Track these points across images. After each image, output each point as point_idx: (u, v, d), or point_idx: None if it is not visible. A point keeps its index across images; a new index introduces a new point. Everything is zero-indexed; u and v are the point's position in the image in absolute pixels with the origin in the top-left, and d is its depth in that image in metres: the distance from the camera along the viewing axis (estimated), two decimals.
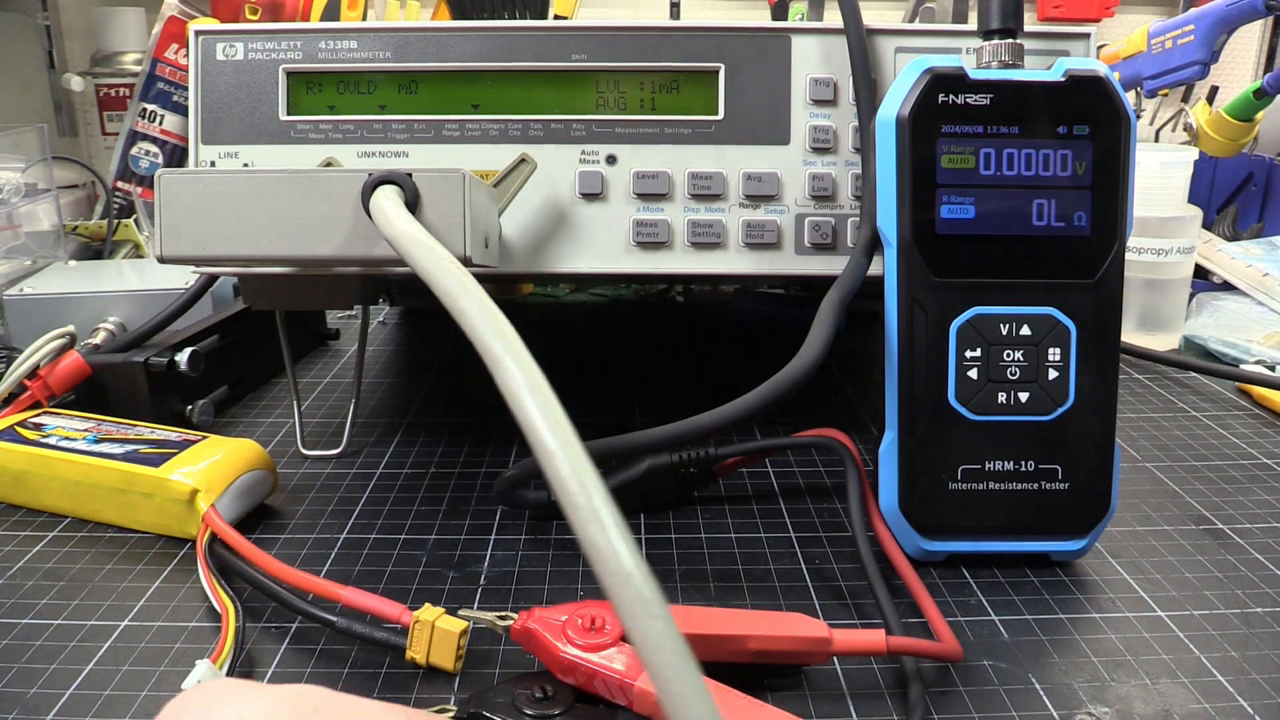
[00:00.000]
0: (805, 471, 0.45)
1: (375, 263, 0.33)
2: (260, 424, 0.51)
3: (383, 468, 0.45)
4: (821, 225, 0.41)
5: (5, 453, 0.40)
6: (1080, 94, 0.34)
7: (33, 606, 0.33)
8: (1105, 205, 0.34)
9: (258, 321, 0.55)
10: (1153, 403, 0.55)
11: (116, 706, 0.28)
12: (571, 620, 0.28)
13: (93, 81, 1.01)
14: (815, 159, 0.41)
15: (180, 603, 0.33)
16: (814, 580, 0.35)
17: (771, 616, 0.29)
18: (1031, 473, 0.35)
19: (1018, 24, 0.36)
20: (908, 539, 0.35)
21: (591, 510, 0.21)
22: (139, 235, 0.83)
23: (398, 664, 0.30)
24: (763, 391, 0.32)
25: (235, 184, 0.32)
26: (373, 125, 0.41)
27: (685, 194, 0.41)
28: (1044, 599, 0.34)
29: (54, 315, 0.55)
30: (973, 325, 0.35)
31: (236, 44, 0.41)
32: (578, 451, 0.22)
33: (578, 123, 0.41)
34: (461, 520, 0.40)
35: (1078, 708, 0.28)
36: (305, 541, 0.38)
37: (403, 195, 0.31)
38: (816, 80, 0.41)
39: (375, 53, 0.41)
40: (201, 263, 0.33)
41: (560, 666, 0.27)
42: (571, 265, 0.41)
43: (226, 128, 0.41)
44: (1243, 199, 0.89)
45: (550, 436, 0.22)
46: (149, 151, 0.88)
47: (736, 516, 0.40)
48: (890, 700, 0.28)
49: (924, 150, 0.34)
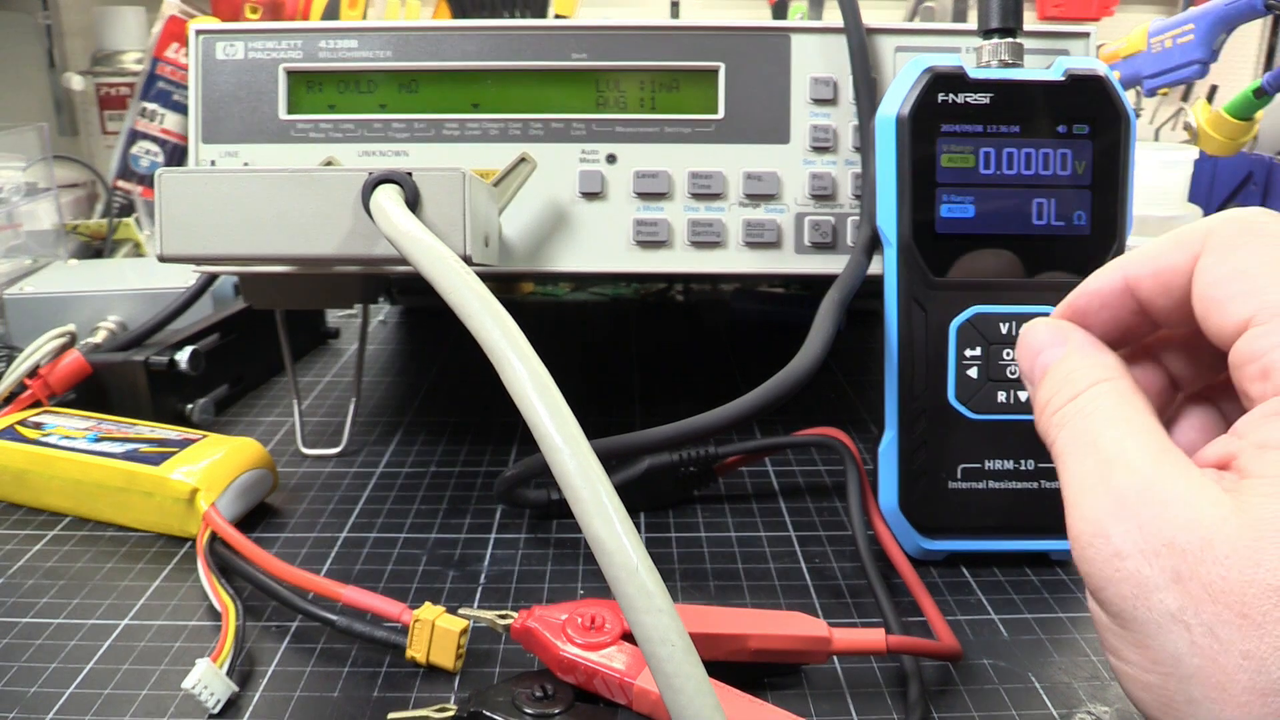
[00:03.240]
0: (805, 471, 0.45)
1: (375, 262, 0.33)
2: (260, 423, 0.51)
3: (383, 467, 0.45)
4: (821, 224, 0.41)
5: (5, 452, 0.40)
6: (1080, 93, 0.34)
7: (33, 606, 0.33)
8: (1105, 204, 0.34)
9: (258, 321, 0.55)
10: None
11: (116, 706, 0.28)
12: (571, 619, 0.28)
13: (93, 81, 1.01)
14: (815, 158, 0.41)
15: (180, 602, 0.34)
16: (814, 579, 0.35)
17: (771, 615, 0.29)
18: (1031, 472, 0.35)
19: (1017, 23, 0.36)
20: (907, 538, 0.35)
21: (598, 504, 0.21)
22: (139, 234, 0.83)
23: (398, 663, 0.30)
24: (763, 391, 0.32)
25: (235, 183, 0.32)
26: (373, 124, 0.41)
27: (685, 193, 0.41)
28: (1044, 598, 0.34)
29: (54, 314, 0.55)
30: (972, 324, 0.35)
31: (237, 43, 0.41)
32: (583, 447, 0.22)
33: (578, 122, 0.41)
34: (461, 519, 0.40)
35: (1078, 706, 0.28)
36: (305, 540, 0.38)
37: (403, 194, 0.31)
38: (816, 79, 0.41)
39: (375, 52, 0.41)
40: (201, 262, 0.33)
41: (560, 665, 0.28)
42: (571, 264, 0.41)
43: (227, 127, 0.41)
44: (1242, 198, 0.89)
45: (556, 432, 0.22)
46: (149, 150, 0.88)
47: (736, 516, 0.40)
48: (890, 699, 0.28)
49: (924, 149, 0.34)
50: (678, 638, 0.20)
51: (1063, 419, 0.23)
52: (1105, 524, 0.20)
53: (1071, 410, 0.22)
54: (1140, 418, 0.21)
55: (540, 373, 0.23)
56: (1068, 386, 0.23)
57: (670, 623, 0.20)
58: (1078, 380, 0.23)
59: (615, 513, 0.21)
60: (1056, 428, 0.23)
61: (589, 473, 0.21)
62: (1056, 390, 0.23)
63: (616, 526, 0.20)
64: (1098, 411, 0.22)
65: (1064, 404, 0.23)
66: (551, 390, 0.23)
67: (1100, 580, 0.20)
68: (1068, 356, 0.24)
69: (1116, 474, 0.20)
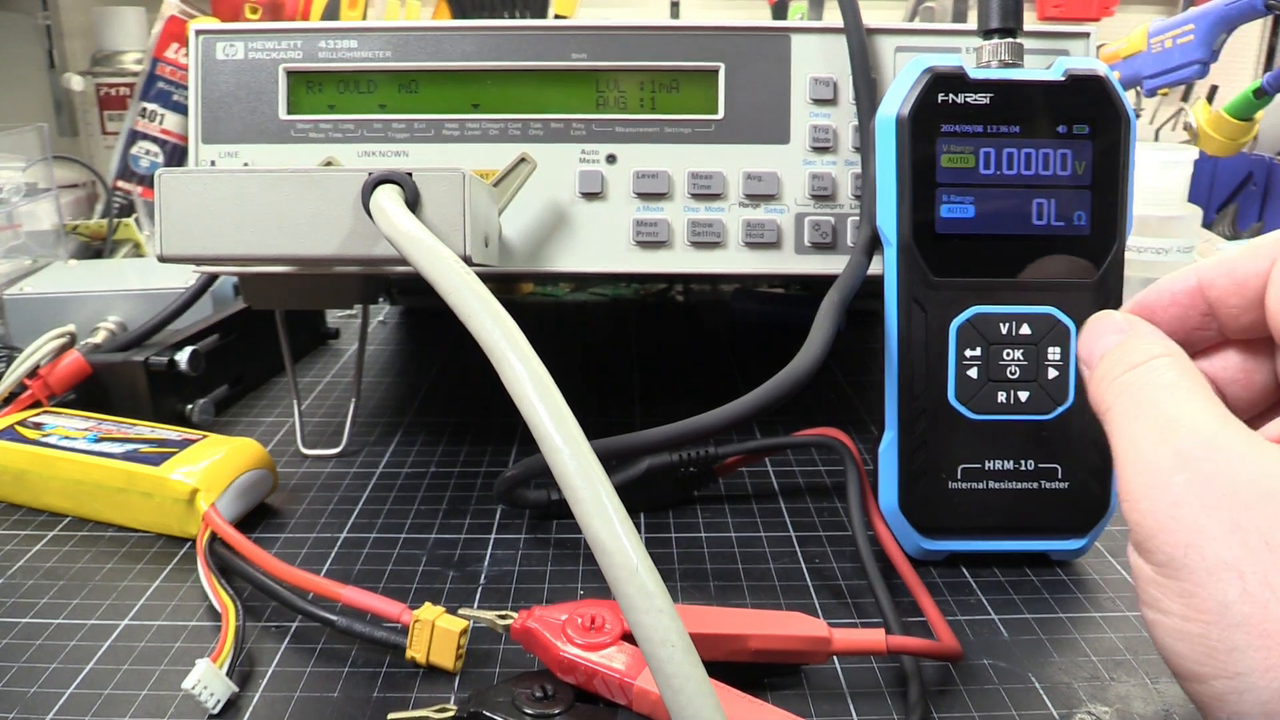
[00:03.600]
0: (805, 471, 0.45)
1: (375, 262, 0.33)
2: (260, 423, 0.51)
3: (383, 467, 0.45)
4: (821, 224, 0.41)
5: (5, 452, 0.40)
6: (1080, 93, 0.34)
7: (33, 606, 0.33)
8: (1105, 204, 0.34)
9: (258, 321, 0.55)
10: None
11: (116, 706, 0.28)
12: (571, 619, 0.28)
13: (93, 81, 1.01)
14: (815, 158, 0.41)
15: (180, 602, 0.34)
16: (814, 579, 0.35)
17: (771, 616, 0.29)
18: (1031, 472, 0.35)
19: (1017, 23, 0.36)
20: (907, 538, 0.35)
21: (598, 505, 0.21)
22: (139, 234, 0.83)
23: (398, 663, 0.30)
24: (764, 392, 0.32)
25: (235, 183, 0.32)
26: (373, 125, 0.41)
27: (685, 193, 0.41)
28: (1044, 598, 0.34)
29: (54, 315, 0.55)
30: (972, 325, 0.35)
31: (237, 43, 0.41)
32: (583, 447, 0.22)
33: (578, 122, 0.41)
34: (461, 520, 0.40)
35: (1078, 707, 0.28)
36: (305, 541, 0.38)
37: (403, 194, 0.31)
38: (816, 79, 0.41)
39: (375, 52, 0.41)
40: (201, 262, 0.33)
41: (560, 665, 0.28)
42: (571, 264, 0.41)
43: (226, 127, 0.41)
44: (1242, 198, 0.89)
45: (556, 432, 0.22)
46: (149, 151, 0.88)
47: (736, 516, 0.40)
48: (890, 699, 0.28)
49: (924, 149, 0.34)
50: (678, 638, 0.20)
51: (1121, 385, 0.23)
52: (1166, 475, 0.21)
53: (1131, 377, 0.23)
54: (1201, 389, 0.22)
55: (540, 373, 0.23)
56: (1128, 358, 0.24)
57: (670, 623, 0.20)
58: (1138, 354, 0.24)
59: (615, 513, 0.21)
60: (1114, 393, 0.24)
61: (589, 473, 0.21)
62: (1115, 362, 0.24)
63: (616, 527, 0.20)
64: (1159, 379, 0.23)
65: (1123, 372, 0.24)
66: (551, 390, 0.23)
67: (1152, 529, 0.21)
68: (1130, 338, 0.25)
69: (1179, 431, 0.21)
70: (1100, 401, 0.24)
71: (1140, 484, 0.21)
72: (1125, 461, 0.22)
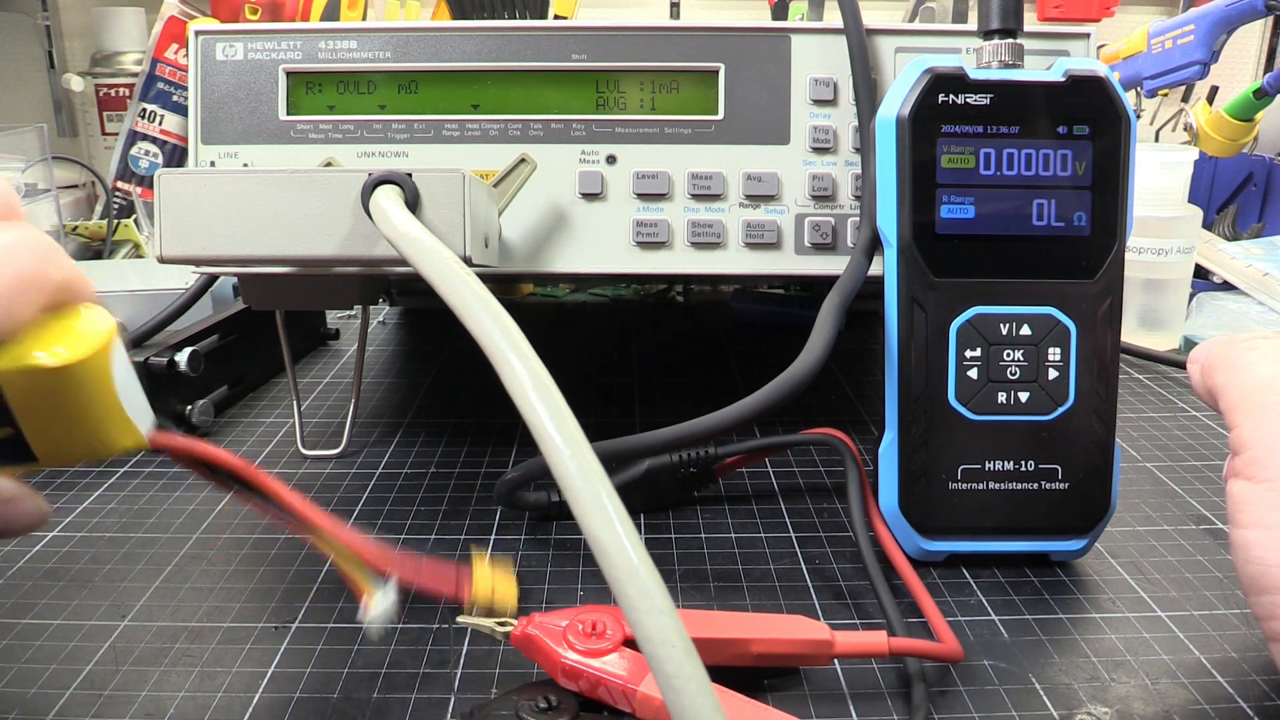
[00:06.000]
0: (805, 471, 0.45)
1: (375, 263, 0.33)
2: (260, 424, 0.51)
3: (383, 468, 0.45)
4: (821, 225, 0.41)
5: None
6: (1080, 94, 0.34)
7: (33, 606, 0.33)
8: (1105, 205, 0.34)
9: (258, 321, 0.55)
10: (1153, 403, 0.55)
11: (116, 706, 0.28)
12: (572, 625, 0.28)
13: (93, 81, 1.01)
14: (815, 159, 0.41)
15: (180, 602, 0.33)
16: (814, 580, 0.35)
17: (773, 619, 0.29)
18: (1031, 473, 0.35)
19: (1018, 24, 0.36)
20: (908, 539, 0.35)
21: (598, 505, 0.21)
22: (139, 235, 0.83)
23: (397, 664, 0.30)
24: (765, 393, 0.32)
25: (235, 184, 0.32)
26: (372, 125, 0.41)
27: (685, 194, 0.41)
28: (1044, 599, 0.34)
29: None
30: (973, 325, 0.35)
31: (236, 44, 0.41)
32: (583, 448, 0.22)
33: (578, 123, 0.41)
34: (461, 520, 0.40)
35: (1078, 708, 0.28)
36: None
37: (403, 195, 0.31)
38: (816, 80, 0.41)
39: (375, 53, 0.41)
40: (201, 263, 0.33)
41: (562, 672, 0.27)
42: (571, 265, 0.41)
43: (226, 128, 0.41)
44: (1243, 199, 0.89)
45: (556, 433, 0.22)
46: (149, 151, 0.88)
47: (736, 516, 0.40)
48: (890, 700, 0.28)
49: (924, 150, 0.34)
50: (679, 639, 0.20)
51: (1239, 351, 0.29)
52: None
53: (1246, 345, 0.29)
54: None
55: (540, 374, 0.23)
56: (1246, 342, 0.29)
57: (671, 624, 0.20)
58: (1256, 341, 0.29)
59: (615, 514, 0.21)
60: (1228, 357, 0.29)
61: (589, 474, 0.21)
62: (1232, 343, 0.30)
63: (617, 528, 0.20)
64: (1259, 346, 0.29)
65: (1240, 343, 0.29)
66: (551, 391, 0.23)
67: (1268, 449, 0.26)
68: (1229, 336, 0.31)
69: None
70: (1213, 370, 0.30)
71: (1260, 417, 0.27)
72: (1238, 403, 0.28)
